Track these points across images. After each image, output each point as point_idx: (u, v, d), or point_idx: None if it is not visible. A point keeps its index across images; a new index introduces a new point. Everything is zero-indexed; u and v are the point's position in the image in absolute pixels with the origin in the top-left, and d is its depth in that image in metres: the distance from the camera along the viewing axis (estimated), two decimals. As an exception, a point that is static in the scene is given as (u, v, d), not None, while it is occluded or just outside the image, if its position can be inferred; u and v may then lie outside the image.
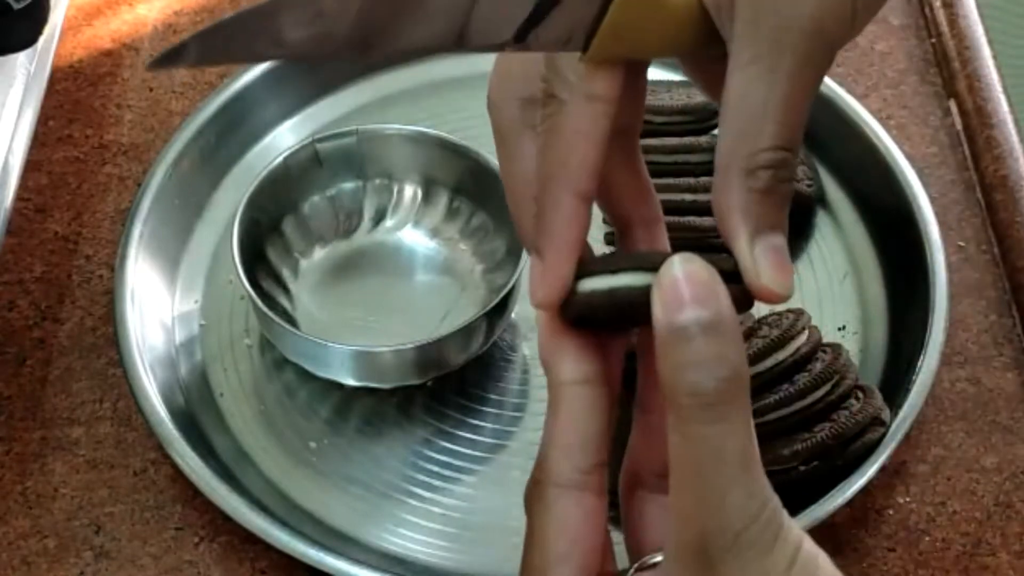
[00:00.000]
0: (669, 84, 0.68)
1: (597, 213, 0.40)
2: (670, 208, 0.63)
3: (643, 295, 0.34)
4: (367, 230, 0.67)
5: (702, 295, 0.33)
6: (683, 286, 0.33)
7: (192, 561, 0.56)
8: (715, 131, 0.67)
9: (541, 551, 0.36)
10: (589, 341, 0.36)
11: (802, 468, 0.55)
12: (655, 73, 0.72)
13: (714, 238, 0.62)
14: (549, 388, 0.37)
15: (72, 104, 0.73)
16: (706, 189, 0.64)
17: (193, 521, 0.57)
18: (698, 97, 0.66)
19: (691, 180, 0.64)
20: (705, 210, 0.63)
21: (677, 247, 0.62)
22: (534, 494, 0.36)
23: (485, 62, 0.77)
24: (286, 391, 0.62)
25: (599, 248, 0.66)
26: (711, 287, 0.33)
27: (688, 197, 0.63)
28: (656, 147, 0.65)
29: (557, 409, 0.36)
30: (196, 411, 0.60)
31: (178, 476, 0.57)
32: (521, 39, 0.35)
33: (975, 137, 0.71)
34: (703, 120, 0.66)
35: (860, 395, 0.56)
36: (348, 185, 0.66)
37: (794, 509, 0.54)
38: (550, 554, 0.36)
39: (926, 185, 0.66)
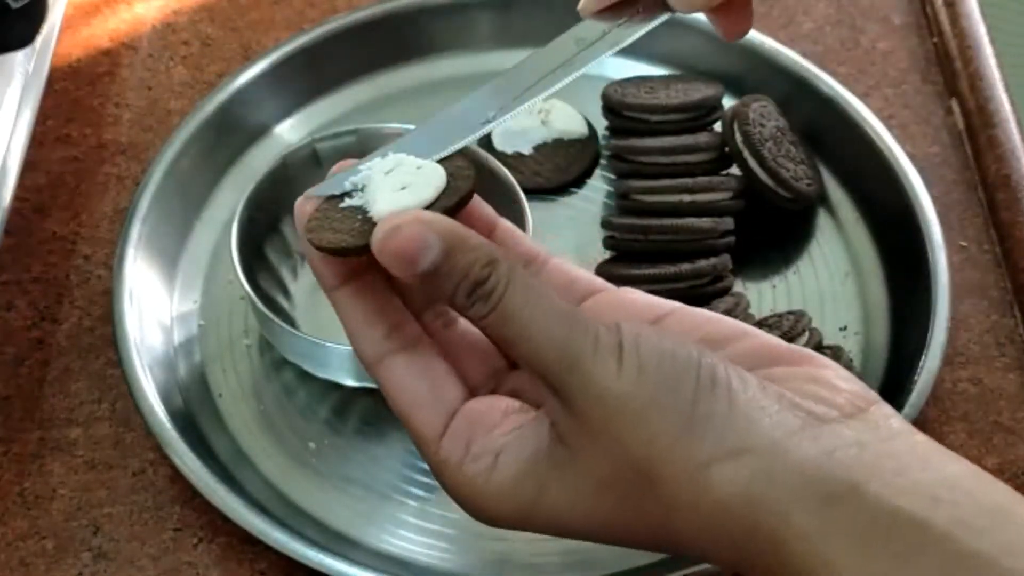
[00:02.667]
0: (667, 81, 0.68)
1: (596, 213, 0.40)
2: (668, 210, 0.63)
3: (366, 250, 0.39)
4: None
5: (402, 244, 0.38)
6: (388, 253, 0.38)
7: (191, 562, 0.56)
8: (713, 127, 0.67)
9: (402, 414, 0.41)
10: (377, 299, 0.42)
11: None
12: (652, 70, 0.72)
13: (714, 239, 0.63)
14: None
15: (70, 103, 0.73)
16: (704, 189, 0.63)
17: (192, 522, 0.57)
18: (694, 94, 0.66)
19: (688, 181, 0.64)
20: (703, 211, 0.63)
21: (676, 249, 0.63)
22: (372, 378, 0.42)
23: (485, 62, 0.77)
24: (285, 392, 0.62)
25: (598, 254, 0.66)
26: (403, 233, 0.38)
27: (686, 198, 0.63)
28: (654, 148, 0.65)
29: (338, 313, 0.42)
30: (195, 411, 0.60)
31: (177, 477, 0.57)
32: None
33: (977, 136, 0.71)
34: (700, 117, 0.66)
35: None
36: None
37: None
38: (403, 412, 0.41)
39: (928, 185, 0.66)
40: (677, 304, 0.42)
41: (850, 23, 0.78)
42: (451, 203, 0.40)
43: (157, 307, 0.63)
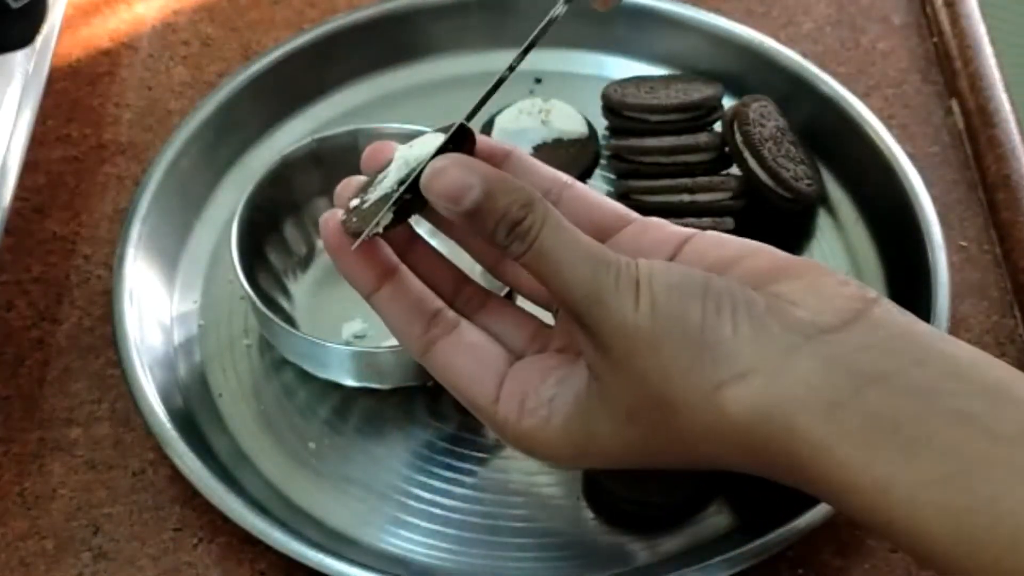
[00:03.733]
0: (667, 80, 0.68)
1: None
2: (668, 209, 0.63)
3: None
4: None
5: (449, 182, 0.42)
6: (435, 192, 0.42)
7: (191, 562, 0.56)
8: (713, 127, 0.67)
9: (459, 392, 0.46)
10: (364, 255, 0.45)
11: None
12: (652, 70, 0.72)
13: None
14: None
15: (70, 103, 0.73)
16: (704, 189, 0.64)
17: (192, 522, 0.57)
18: (694, 94, 0.66)
19: (688, 181, 0.64)
20: (703, 211, 0.63)
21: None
22: (426, 367, 0.46)
23: (484, 63, 0.77)
24: (285, 392, 0.62)
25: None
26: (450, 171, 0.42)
27: (686, 198, 0.63)
28: (654, 148, 0.65)
29: (380, 315, 0.46)
30: (195, 411, 0.60)
31: (177, 477, 0.57)
32: None
33: (977, 136, 0.71)
34: (700, 117, 0.66)
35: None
36: (347, 185, 0.66)
37: (795, 510, 0.54)
38: (457, 390, 0.46)
39: (928, 185, 0.66)
40: (694, 231, 0.46)
41: (850, 23, 0.78)
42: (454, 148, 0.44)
43: (157, 307, 0.63)
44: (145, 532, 0.56)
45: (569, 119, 0.70)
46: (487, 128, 0.67)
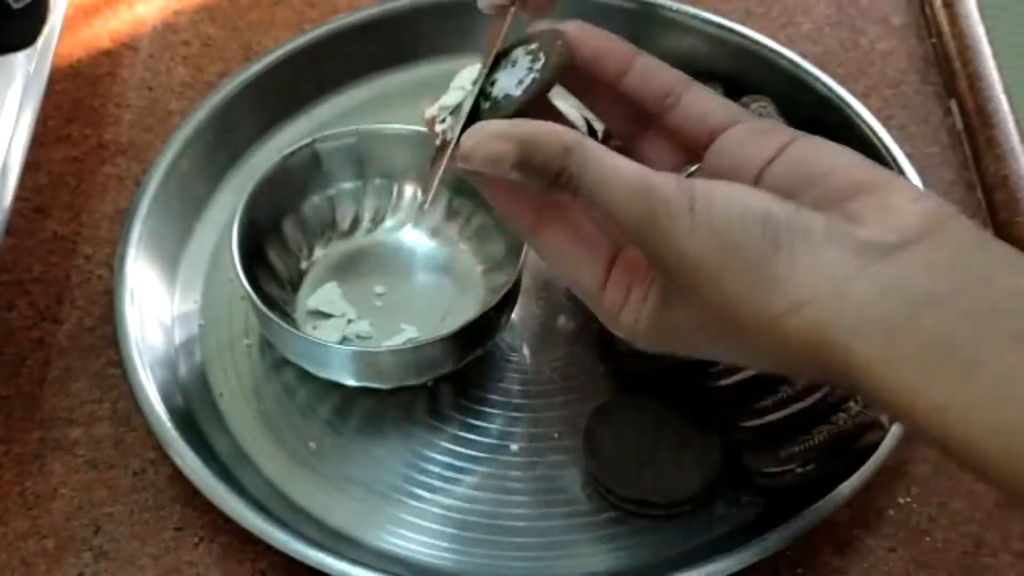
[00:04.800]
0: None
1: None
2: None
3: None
4: (367, 230, 0.67)
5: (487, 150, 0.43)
6: (474, 166, 0.43)
7: (191, 562, 0.56)
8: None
9: (565, 275, 0.46)
10: (515, 195, 0.45)
11: (799, 471, 0.55)
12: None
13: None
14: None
15: (71, 104, 0.73)
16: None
17: (192, 521, 0.57)
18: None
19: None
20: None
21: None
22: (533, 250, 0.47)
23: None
24: (286, 391, 0.62)
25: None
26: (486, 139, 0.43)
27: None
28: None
29: (489, 199, 0.46)
30: (195, 411, 0.60)
31: (177, 476, 0.57)
32: None
33: (976, 137, 0.71)
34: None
35: (859, 397, 0.56)
36: (348, 185, 0.66)
37: (794, 509, 0.54)
38: (567, 272, 0.45)
39: (927, 185, 0.66)
40: (797, 135, 0.45)
41: (849, 24, 0.78)
42: (532, 95, 0.44)
43: (158, 307, 0.64)
44: (146, 531, 0.57)
45: (568, 115, 0.68)
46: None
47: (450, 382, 0.61)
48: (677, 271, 0.41)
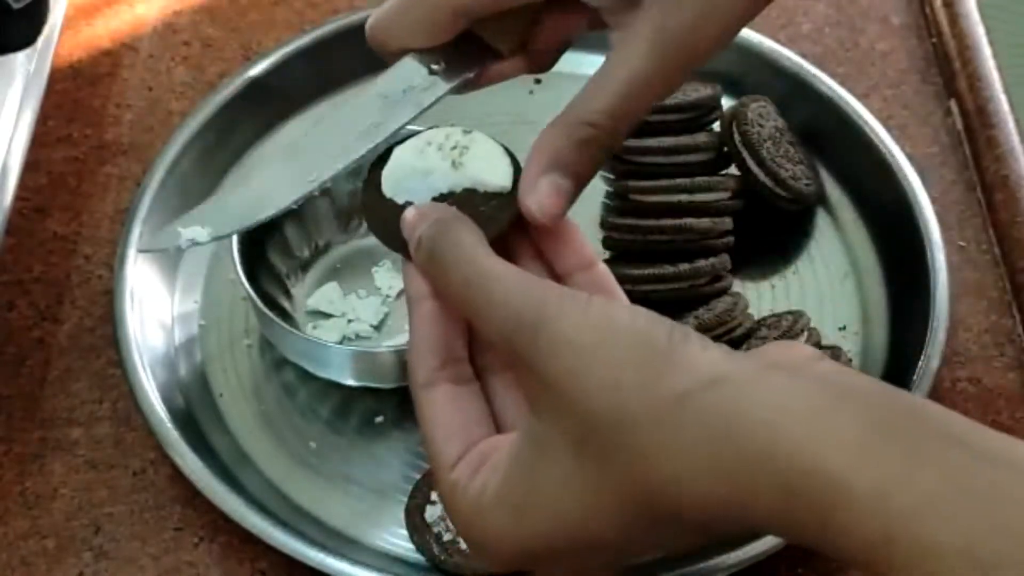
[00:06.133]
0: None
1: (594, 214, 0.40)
2: (667, 210, 0.63)
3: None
4: (367, 230, 0.67)
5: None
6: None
7: (191, 562, 0.56)
8: (712, 128, 0.67)
9: (429, 439, 0.41)
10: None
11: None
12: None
13: (713, 238, 0.63)
14: (407, 305, 0.43)
15: (71, 104, 0.73)
16: (702, 189, 0.64)
17: (192, 521, 0.57)
18: (694, 94, 0.66)
19: (687, 181, 0.64)
20: (702, 211, 0.63)
21: (675, 249, 0.63)
22: (413, 396, 0.42)
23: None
24: (286, 391, 0.62)
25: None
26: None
27: (684, 198, 0.63)
28: (653, 148, 0.65)
29: (411, 322, 0.43)
30: (196, 411, 0.60)
31: (177, 476, 0.57)
32: None
33: (976, 137, 0.71)
34: (698, 118, 0.66)
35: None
36: (348, 185, 0.66)
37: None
38: (430, 437, 0.41)
39: (927, 185, 0.66)
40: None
41: (849, 24, 0.78)
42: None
43: (158, 307, 0.64)
44: (146, 531, 0.57)
45: (489, 164, 0.47)
46: (383, 160, 0.48)
47: (450, 382, 0.61)
48: (560, 362, 0.36)
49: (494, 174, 0.45)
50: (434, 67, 0.47)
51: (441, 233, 0.41)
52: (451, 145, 0.46)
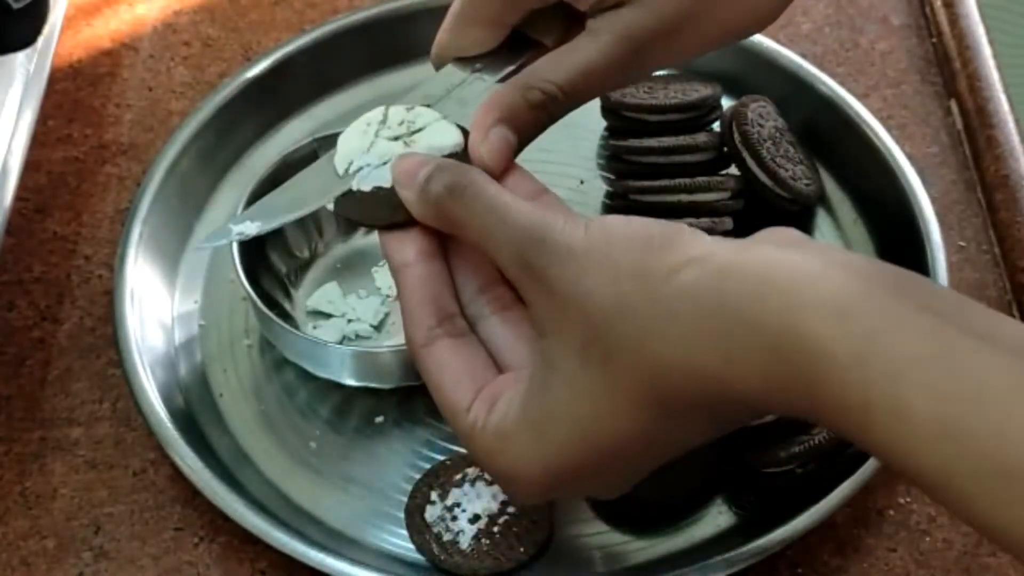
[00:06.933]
0: (666, 80, 0.68)
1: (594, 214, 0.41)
2: (667, 210, 0.63)
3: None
4: (367, 230, 0.67)
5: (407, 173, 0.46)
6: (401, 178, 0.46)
7: (191, 562, 0.56)
8: (712, 128, 0.67)
9: (438, 388, 0.43)
10: (409, 233, 0.45)
11: (799, 471, 0.55)
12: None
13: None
14: (392, 275, 0.46)
15: (71, 104, 0.73)
16: (702, 189, 0.64)
17: (193, 521, 0.57)
18: (694, 94, 0.66)
19: (687, 181, 0.64)
20: (702, 211, 0.63)
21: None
22: (414, 359, 0.45)
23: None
24: (286, 391, 0.62)
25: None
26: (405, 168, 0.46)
27: (685, 198, 0.63)
28: (653, 148, 0.65)
29: (400, 289, 0.45)
30: (196, 411, 0.60)
31: (178, 476, 0.57)
32: None
33: (976, 137, 0.71)
34: (698, 118, 0.66)
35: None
36: (348, 185, 0.66)
37: (794, 509, 0.54)
38: (438, 387, 0.43)
39: (927, 185, 0.66)
40: None
41: (849, 24, 0.78)
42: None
43: (158, 307, 0.64)
44: (146, 531, 0.57)
45: (438, 131, 0.49)
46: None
47: (450, 382, 0.61)
48: (563, 271, 0.39)
49: (445, 138, 0.49)
50: (477, 66, 0.51)
51: (458, 171, 0.44)
52: (398, 121, 0.50)
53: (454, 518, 0.55)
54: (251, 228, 0.50)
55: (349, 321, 0.62)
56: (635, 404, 0.38)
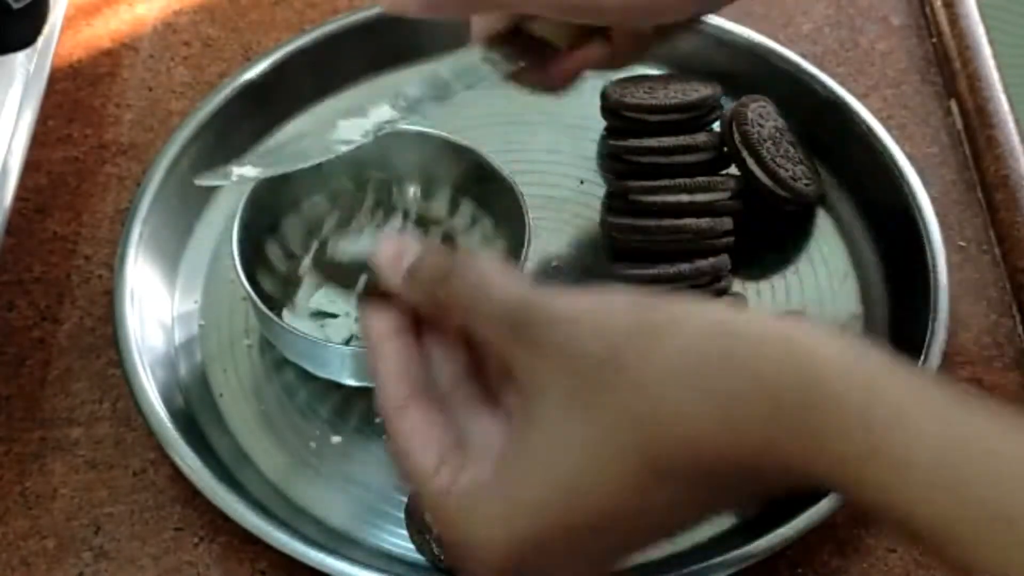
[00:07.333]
0: (666, 80, 0.68)
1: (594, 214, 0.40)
2: (667, 210, 0.63)
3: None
4: (368, 230, 0.67)
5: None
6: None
7: (191, 562, 0.56)
8: (712, 128, 0.67)
9: (405, 451, 0.40)
10: (387, 308, 0.43)
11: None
12: (651, 70, 0.72)
13: (712, 239, 0.63)
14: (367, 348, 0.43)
15: (71, 104, 0.73)
16: (702, 189, 0.64)
17: (193, 521, 0.57)
18: (694, 94, 0.66)
19: (687, 181, 0.64)
20: (702, 211, 0.63)
21: (675, 249, 0.63)
22: (385, 423, 0.41)
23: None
24: (286, 391, 0.62)
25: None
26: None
27: (685, 198, 0.63)
28: (653, 148, 0.65)
29: (376, 361, 0.42)
30: (196, 411, 0.60)
31: (178, 476, 0.57)
32: None
33: (976, 137, 0.71)
34: (698, 117, 0.66)
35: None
36: (348, 185, 0.66)
37: (794, 509, 0.54)
38: (404, 452, 0.40)
39: (927, 185, 0.66)
40: None
41: (849, 24, 0.78)
42: None
43: (158, 307, 0.64)
44: (146, 531, 0.57)
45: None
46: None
47: (450, 382, 0.61)
48: (551, 332, 0.37)
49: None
50: (490, 56, 0.53)
51: (441, 258, 0.42)
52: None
53: None
54: (251, 172, 0.53)
55: (356, 320, 0.62)
56: (619, 461, 0.36)
